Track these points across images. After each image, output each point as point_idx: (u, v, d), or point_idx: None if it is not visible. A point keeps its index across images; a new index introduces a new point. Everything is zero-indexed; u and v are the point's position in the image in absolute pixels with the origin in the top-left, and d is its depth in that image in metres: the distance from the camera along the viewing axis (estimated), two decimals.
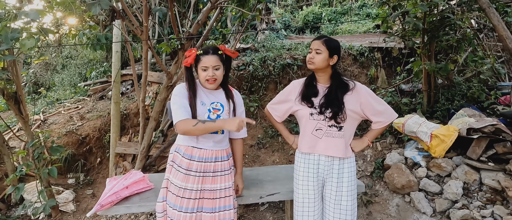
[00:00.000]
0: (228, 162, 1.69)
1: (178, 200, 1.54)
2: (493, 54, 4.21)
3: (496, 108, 3.33)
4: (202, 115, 1.58)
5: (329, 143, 1.59)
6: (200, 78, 1.60)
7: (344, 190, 1.62)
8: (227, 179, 1.66)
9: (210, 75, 1.54)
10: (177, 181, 1.57)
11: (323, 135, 1.60)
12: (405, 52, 4.42)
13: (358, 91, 1.60)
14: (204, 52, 1.57)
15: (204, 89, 1.65)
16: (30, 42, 1.45)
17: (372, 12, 8.26)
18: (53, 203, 2.83)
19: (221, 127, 1.48)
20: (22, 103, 2.57)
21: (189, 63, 1.59)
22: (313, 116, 1.61)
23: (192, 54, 1.58)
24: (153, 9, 2.40)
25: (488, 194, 2.47)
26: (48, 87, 7.22)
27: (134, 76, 3.35)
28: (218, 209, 1.59)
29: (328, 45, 1.57)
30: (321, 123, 1.60)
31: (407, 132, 3.09)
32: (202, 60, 1.56)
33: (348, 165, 1.64)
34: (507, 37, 2.66)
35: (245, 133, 1.75)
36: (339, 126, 1.58)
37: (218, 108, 1.61)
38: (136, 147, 3.62)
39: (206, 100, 1.61)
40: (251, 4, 3.30)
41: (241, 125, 1.43)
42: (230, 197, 1.65)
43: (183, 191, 1.55)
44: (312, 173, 1.65)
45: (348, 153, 1.63)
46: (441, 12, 3.34)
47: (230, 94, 1.69)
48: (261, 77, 4.45)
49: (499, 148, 2.56)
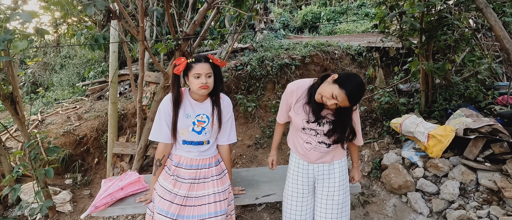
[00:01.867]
0: (216, 167, 1.71)
1: (161, 202, 1.57)
2: (491, 54, 4.21)
3: (494, 108, 3.33)
4: (186, 127, 1.61)
5: (318, 156, 1.63)
6: (192, 86, 1.59)
7: (336, 186, 1.64)
8: (218, 183, 1.67)
9: (204, 82, 1.55)
10: (165, 183, 1.62)
11: (311, 149, 1.62)
12: (403, 52, 4.42)
13: (355, 111, 1.62)
14: (196, 60, 1.58)
15: (191, 100, 1.66)
16: (22, 44, 1.44)
17: (370, 12, 8.26)
18: (50, 204, 2.83)
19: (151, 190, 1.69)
20: (18, 104, 2.56)
21: (180, 71, 1.58)
22: (305, 130, 1.61)
23: (183, 62, 1.58)
24: (149, 10, 2.39)
25: (484, 195, 2.47)
26: (47, 87, 7.22)
27: (131, 77, 3.35)
28: (208, 215, 1.58)
29: (357, 100, 1.41)
30: (311, 138, 1.61)
31: (405, 132, 3.09)
32: (195, 67, 1.55)
33: (338, 165, 1.67)
34: (504, 37, 2.66)
35: (234, 138, 1.77)
36: (328, 143, 1.59)
37: (204, 120, 1.64)
38: (134, 147, 3.61)
39: (191, 112, 1.63)
40: (249, 4, 3.29)
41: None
42: (224, 201, 1.65)
43: (169, 194, 1.58)
44: (302, 171, 1.70)
45: (335, 158, 1.65)
46: (439, 12, 3.33)
47: (218, 103, 1.68)
48: (259, 77, 4.45)
49: (495, 148, 2.56)
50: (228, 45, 5.24)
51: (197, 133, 1.63)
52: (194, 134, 1.63)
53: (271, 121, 4.21)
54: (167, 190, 1.59)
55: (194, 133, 1.63)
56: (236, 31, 4.47)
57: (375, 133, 3.90)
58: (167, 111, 1.62)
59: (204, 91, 1.59)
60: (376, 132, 3.91)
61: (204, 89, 1.57)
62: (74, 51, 7.33)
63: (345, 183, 1.68)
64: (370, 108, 4.25)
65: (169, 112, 1.62)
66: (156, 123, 1.63)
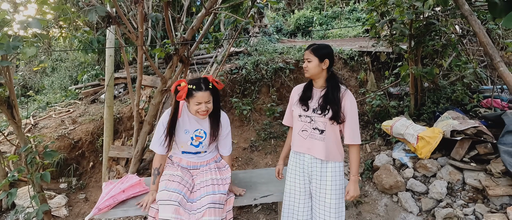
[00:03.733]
0: (216, 164, 1.88)
1: (168, 183, 1.67)
2: (476, 59, 4.40)
3: (479, 111, 3.49)
4: (185, 142, 1.76)
5: (312, 144, 1.71)
6: (192, 110, 1.69)
7: (327, 189, 1.69)
8: (216, 173, 1.81)
9: (203, 109, 1.66)
10: (171, 171, 1.75)
11: (307, 136, 1.72)
12: (393, 57, 4.57)
13: (345, 96, 1.69)
14: (196, 87, 1.63)
15: (189, 115, 1.78)
16: (31, 51, 1.47)
17: (361, 17, 8.45)
18: (45, 208, 2.81)
19: (151, 193, 1.75)
20: (14, 108, 2.56)
21: (183, 98, 1.64)
22: (301, 117, 1.74)
23: (184, 89, 1.61)
24: (148, 15, 2.44)
25: (470, 193, 2.60)
26: (37, 91, 7.11)
27: (129, 80, 3.37)
28: (206, 193, 1.67)
29: (316, 52, 1.68)
30: (306, 125, 1.72)
31: (395, 134, 3.21)
32: (195, 96, 1.63)
33: (331, 167, 1.71)
34: (487, 44, 2.80)
35: (228, 150, 1.95)
36: (321, 130, 1.68)
37: (201, 135, 1.77)
38: (129, 150, 3.62)
39: (190, 128, 1.77)
40: (244, 9, 3.37)
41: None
42: (223, 186, 1.76)
43: (174, 176, 1.70)
44: (299, 170, 1.78)
45: (329, 157, 1.70)
46: (427, 18, 3.48)
47: (217, 121, 1.81)
48: (253, 80, 4.52)
49: (480, 149, 2.69)
50: (223, 50, 5.30)
51: (195, 146, 1.79)
52: (192, 147, 1.80)
53: (266, 124, 4.28)
54: (173, 175, 1.72)
55: (192, 146, 1.79)
56: (232, 36, 4.54)
57: (367, 135, 4.02)
58: (166, 126, 1.76)
59: (204, 116, 1.71)
60: (368, 134, 4.03)
61: (203, 115, 1.70)
62: (66, 54, 7.26)
63: (340, 189, 1.71)
64: (362, 111, 4.38)
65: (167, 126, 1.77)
66: (156, 136, 1.75)
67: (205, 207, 1.60)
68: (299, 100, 1.77)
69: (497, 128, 2.85)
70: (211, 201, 1.62)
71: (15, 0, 2.55)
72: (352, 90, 4.79)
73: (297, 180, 1.78)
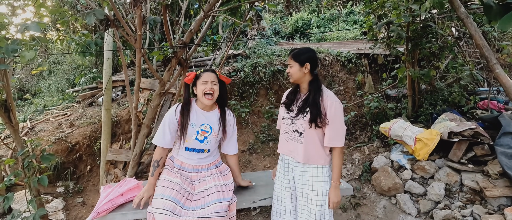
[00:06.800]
0: (217, 168, 1.88)
1: (165, 190, 1.64)
2: (472, 61, 4.44)
3: (475, 112, 3.52)
4: (190, 136, 1.76)
5: (294, 146, 1.74)
6: (198, 92, 1.74)
7: (309, 193, 1.71)
8: (220, 179, 1.80)
9: (209, 87, 1.71)
10: (170, 177, 1.72)
11: (289, 139, 1.77)
12: (390, 59, 4.60)
13: (328, 100, 1.65)
14: (204, 70, 1.78)
15: (197, 109, 1.80)
16: (30, 54, 1.47)
17: (359, 19, 8.50)
18: (43, 212, 2.78)
19: (148, 188, 1.72)
20: (12, 112, 2.54)
21: (190, 80, 1.77)
22: (284, 120, 1.80)
23: (192, 73, 1.79)
24: (147, 18, 2.44)
25: (468, 195, 2.61)
26: (34, 94, 7.08)
27: (127, 83, 3.36)
28: (211, 202, 1.64)
29: (296, 57, 1.70)
30: (288, 127, 1.77)
31: (393, 136, 3.22)
32: (202, 76, 1.75)
33: (312, 171, 1.71)
34: (483, 46, 2.83)
35: (235, 149, 1.97)
36: (299, 132, 1.71)
37: (207, 130, 1.79)
38: (127, 154, 3.61)
39: (196, 121, 1.78)
40: (242, 12, 3.38)
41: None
42: (227, 192, 1.75)
43: (172, 184, 1.68)
44: (285, 172, 1.83)
45: (310, 160, 1.70)
46: (423, 21, 3.51)
47: (224, 115, 1.86)
48: (252, 83, 4.53)
49: (477, 150, 2.71)
50: (222, 52, 5.31)
51: (199, 141, 1.77)
52: (197, 142, 1.77)
53: (264, 126, 4.28)
54: (172, 182, 1.70)
55: (196, 141, 1.77)
56: (230, 39, 4.54)
57: (365, 137, 4.03)
58: (172, 120, 1.76)
59: (209, 96, 1.72)
60: (366, 136, 4.04)
61: (209, 94, 1.72)
62: (63, 57, 7.23)
63: (322, 194, 1.68)
64: (360, 113, 4.39)
65: (174, 120, 1.76)
66: (160, 129, 1.75)
67: (211, 217, 1.59)
68: (284, 104, 1.82)
69: (494, 129, 2.87)
70: (219, 210, 1.61)
71: (13, 3, 2.56)
72: (349, 92, 4.81)
73: (283, 182, 1.83)
